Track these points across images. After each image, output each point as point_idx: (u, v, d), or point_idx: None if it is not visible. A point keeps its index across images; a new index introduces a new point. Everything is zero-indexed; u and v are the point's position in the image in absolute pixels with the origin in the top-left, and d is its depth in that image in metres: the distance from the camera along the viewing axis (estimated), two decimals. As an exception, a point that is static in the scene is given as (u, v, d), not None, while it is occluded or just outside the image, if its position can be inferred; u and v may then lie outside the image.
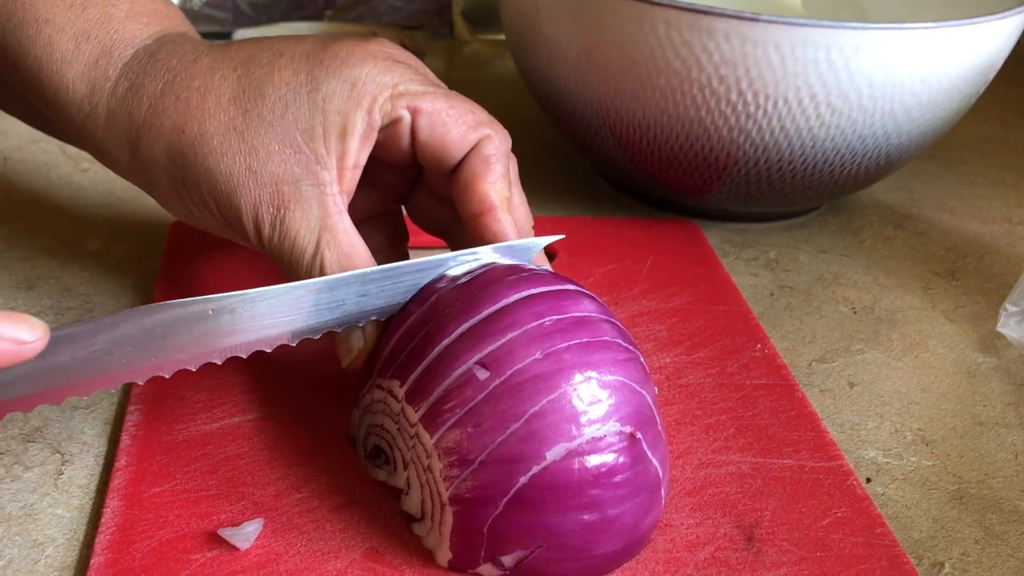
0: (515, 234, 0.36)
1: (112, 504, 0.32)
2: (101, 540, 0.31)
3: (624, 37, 0.45)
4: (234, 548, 0.31)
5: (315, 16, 0.79)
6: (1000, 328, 0.46)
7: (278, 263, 0.35)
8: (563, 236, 0.38)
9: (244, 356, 0.32)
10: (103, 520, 0.32)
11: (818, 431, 0.38)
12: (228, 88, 0.34)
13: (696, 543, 0.32)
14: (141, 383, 0.31)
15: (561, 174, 0.60)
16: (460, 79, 0.77)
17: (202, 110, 0.34)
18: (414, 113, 0.34)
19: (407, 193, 0.40)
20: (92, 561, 0.30)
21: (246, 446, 0.35)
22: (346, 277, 0.33)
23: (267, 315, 0.32)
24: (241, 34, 0.63)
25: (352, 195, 0.35)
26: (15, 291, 0.44)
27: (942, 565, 0.33)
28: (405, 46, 0.63)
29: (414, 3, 0.82)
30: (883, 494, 0.36)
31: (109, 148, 0.36)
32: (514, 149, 0.38)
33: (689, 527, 0.33)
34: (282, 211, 0.34)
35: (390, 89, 0.34)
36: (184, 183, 0.35)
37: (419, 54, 0.64)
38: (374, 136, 0.35)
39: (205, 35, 0.77)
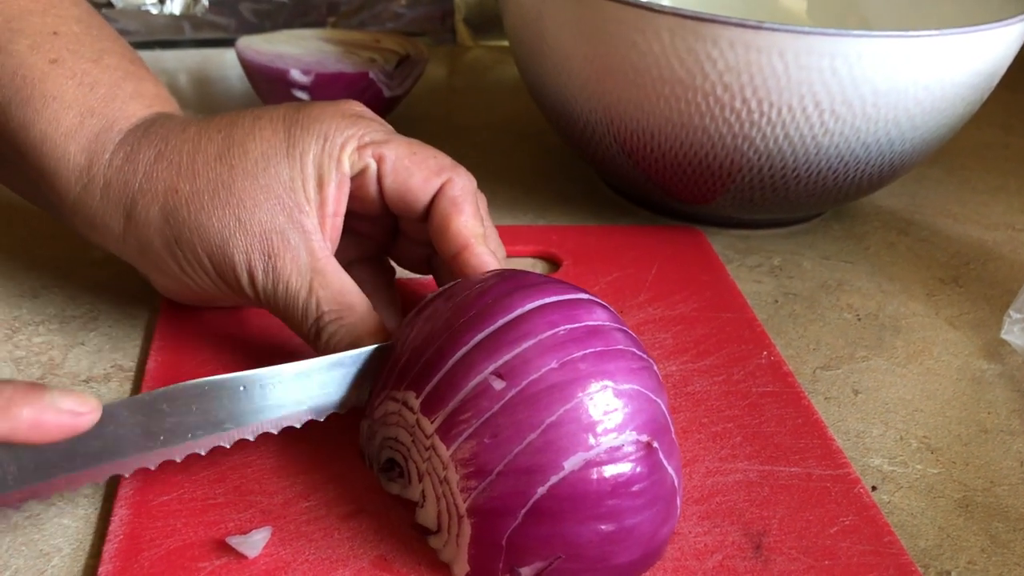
0: (495, 264, 0.38)
1: (120, 512, 0.32)
2: (108, 548, 0.31)
3: (628, 45, 0.45)
4: (242, 556, 0.31)
5: (318, 23, 0.80)
6: (1004, 335, 0.46)
7: (273, 310, 0.37)
8: None
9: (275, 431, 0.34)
10: (111, 528, 0.32)
11: (825, 439, 0.38)
12: (214, 148, 0.37)
13: (704, 551, 0.32)
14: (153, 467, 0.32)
15: (565, 181, 0.60)
16: (462, 85, 0.78)
17: (192, 170, 0.37)
18: (379, 161, 0.37)
19: (389, 243, 0.43)
20: (100, 569, 0.30)
21: (254, 455, 0.35)
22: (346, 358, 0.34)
23: (299, 391, 0.34)
24: (245, 41, 0.63)
25: (336, 243, 0.38)
26: (20, 299, 0.44)
27: (948, 573, 0.33)
28: (407, 52, 0.63)
29: (417, 9, 0.82)
30: (889, 502, 0.36)
31: (104, 217, 0.38)
32: (517, 155, 0.39)
33: (697, 535, 0.33)
34: (273, 259, 0.36)
35: (356, 140, 0.37)
36: (178, 241, 0.37)
37: (421, 61, 0.64)
38: (347, 184, 0.37)
39: (208, 42, 0.78)
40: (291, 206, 0.36)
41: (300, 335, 0.37)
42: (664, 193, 0.53)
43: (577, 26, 0.47)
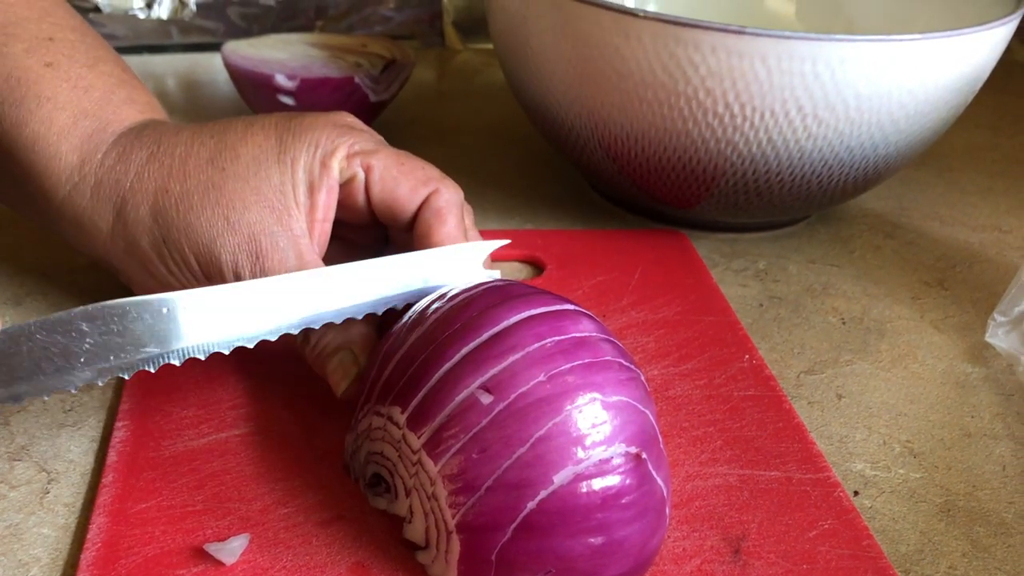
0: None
1: (98, 520, 0.32)
2: (86, 556, 0.31)
3: (611, 50, 0.45)
4: (220, 563, 0.31)
5: (306, 27, 0.80)
6: (988, 338, 0.46)
7: None
8: (508, 241, 0.40)
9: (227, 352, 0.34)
10: (88, 536, 0.32)
11: (805, 443, 0.38)
12: (206, 152, 0.37)
13: (683, 556, 0.32)
14: (100, 384, 0.32)
15: (550, 185, 0.60)
16: (451, 89, 0.78)
17: (183, 172, 0.37)
18: (367, 170, 0.38)
19: (379, 251, 0.42)
20: (77, 578, 0.30)
21: (233, 462, 0.35)
22: (305, 278, 0.35)
23: (225, 315, 0.33)
24: (231, 46, 0.63)
25: (324, 248, 0.38)
26: (3, 307, 0.44)
27: (929, 578, 0.33)
28: (394, 57, 0.63)
29: (405, 13, 0.82)
30: (871, 507, 0.36)
31: (93, 216, 0.38)
32: (505, 160, 0.39)
33: (676, 540, 0.33)
34: (260, 260, 0.36)
35: (346, 148, 0.38)
36: (165, 241, 0.37)
37: (407, 65, 0.64)
38: (336, 191, 0.38)
39: (196, 47, 0.78)
40: (280, 210, 0.37)
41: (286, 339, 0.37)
42: (649, 197, 0.53)
43: (561, 31, 0.47)
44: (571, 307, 0.32)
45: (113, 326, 0.31)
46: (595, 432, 0.29)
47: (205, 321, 0.33)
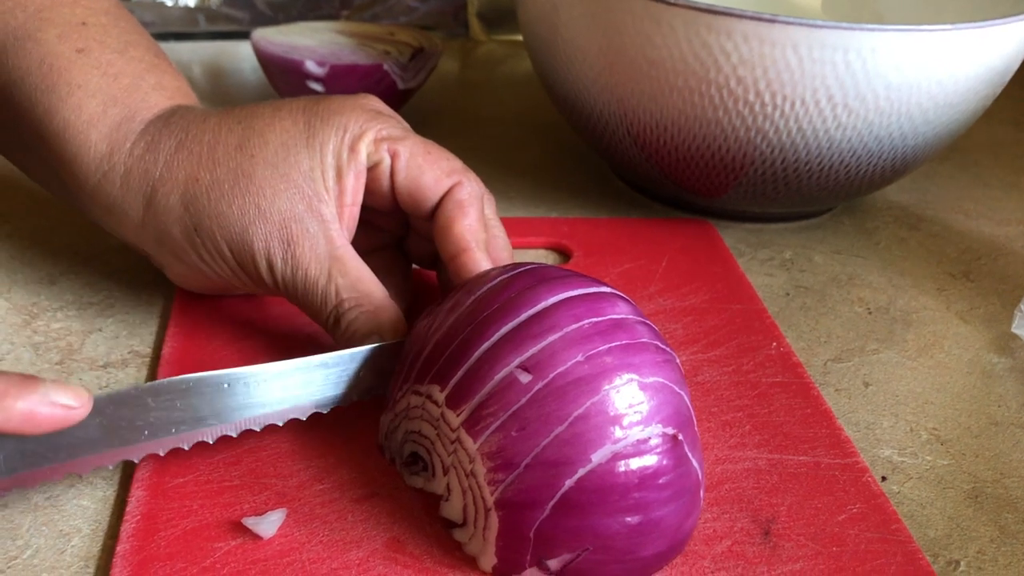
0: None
1: (137, 494, 0.33)
2: (126, 528, 0.31)
3: (642, 38, 0.46)
4: (257, 537, 0.31)
5: (332, 16, 0.80)
6: (1015, 329, 0.46)
7: (292, 298, 0.38)
8: None
9: (257, 429, 0.34)
10: (128, 509, 0.32)
11: (833, 428, 0.38)
12: (235, 138, 0.38)
13: (713, 537, 0.33)
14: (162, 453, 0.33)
15: (577, 174, 0.60)
16: (474, 79, 0.78)
17: (212, 159, 0.37)
18: (393, 156, 0.38)
19: (403, 235, 0.44)
20: (117, 549, 0.30)
21: (268, 438, 0.36)
22: (353, 355, 0.35)
23: (281, 389, 0.34)
24: (260, 33, 0.63)
25: (353, 232, 0.38)
26: (38, 286, 0.45)
27: (958, 563, 0.34)
28: (422, 45, 0.63)
29: (430, 3, 0.83)
30: (898, 492, 0.37)
31: (123, 205, 0.39)
32: (529, 148, 0.39)
33: (706, 521, 0.33)
34: (292, 247, 0.37)
35: (374, 132, 0.38)
36: (197, 229, 0.37)
37: (435, 53, 0.64)
38: (364, 175, 0.38)
39: (222, 34, 0.78)
40: (310, 195, 0.37)
41: (319, 323, 0.38)
42: (676, 186, 0.53)
43: (592, 19, 0.47)
44: (607, 289, 0.32)
45: (177, 401, 0.32)
46: (632, 412, 0.29)
47: (266, 394, 0.34)
